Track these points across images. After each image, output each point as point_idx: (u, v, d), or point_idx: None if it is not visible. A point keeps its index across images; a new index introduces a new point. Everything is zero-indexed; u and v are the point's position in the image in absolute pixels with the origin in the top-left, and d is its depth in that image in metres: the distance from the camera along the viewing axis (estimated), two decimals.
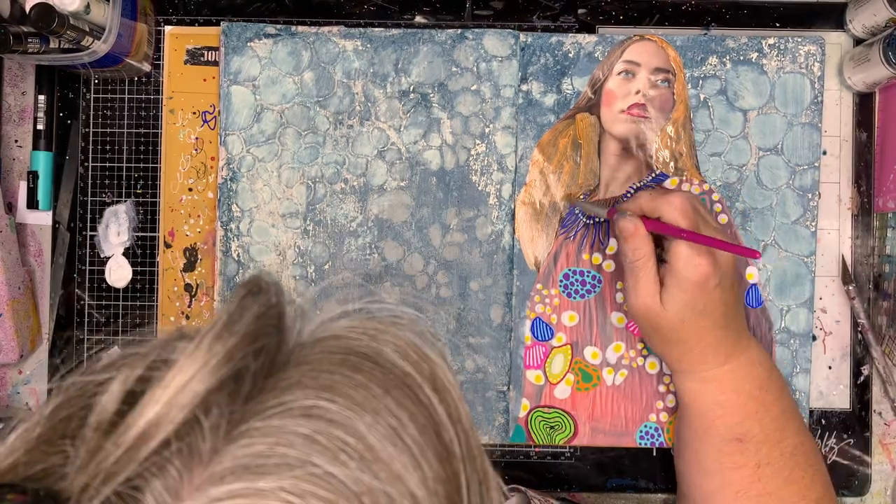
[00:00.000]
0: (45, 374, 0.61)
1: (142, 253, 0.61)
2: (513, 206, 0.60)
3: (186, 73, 0.61)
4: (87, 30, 0.53)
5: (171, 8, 0.62)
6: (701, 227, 0.49)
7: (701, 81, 0.60)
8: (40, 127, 0.61)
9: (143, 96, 0.61)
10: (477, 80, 0.60)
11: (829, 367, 0.61)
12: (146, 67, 0.61)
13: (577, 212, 0.60)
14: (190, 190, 0.61)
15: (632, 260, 0.50)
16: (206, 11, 0.62)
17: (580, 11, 0.62)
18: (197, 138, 0.61)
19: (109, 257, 0.61)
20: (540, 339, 0.60)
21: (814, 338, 0.60)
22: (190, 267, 0.61)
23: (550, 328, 0.60)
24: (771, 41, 0.60)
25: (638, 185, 0.60)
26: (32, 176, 0.60)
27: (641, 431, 0.60)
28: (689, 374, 0.52)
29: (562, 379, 0.60)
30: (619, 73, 0.60)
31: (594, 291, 0.60)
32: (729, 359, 0.51)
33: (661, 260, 0.51)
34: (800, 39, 0.60)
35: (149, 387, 0.23)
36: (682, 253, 0.49)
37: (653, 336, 0.52)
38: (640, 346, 0.60)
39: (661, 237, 0.51)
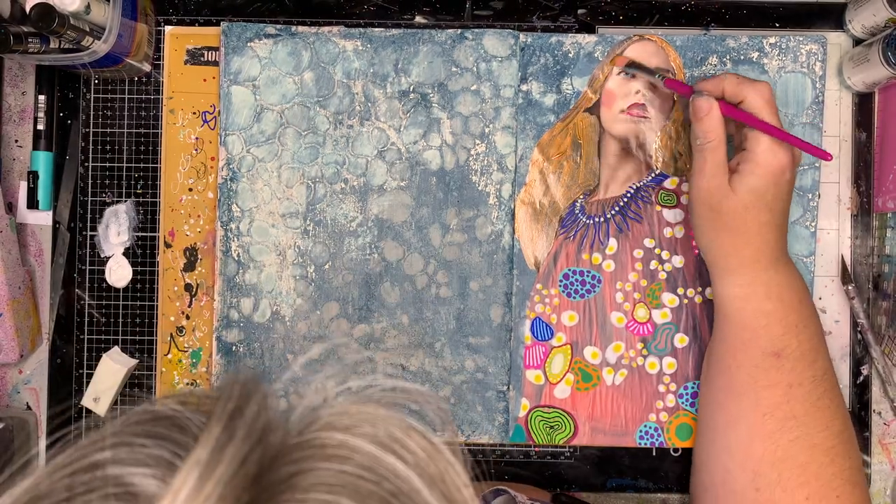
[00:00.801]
0: (46, 374, 0.61)
1: (142, 253, 0.61)
2: (513, 206, 0.60)
3: (186, 73, 0.61)
4: (88, 30, 0.53)
5: (171, 8, 0.62)
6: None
7: None
8: (40, 127, 0.61)
9: (144, 96, 0.61)
10: (477, 80, 0.60)
11: None
12: (146, 67, 0.61)
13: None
14: (190, 190, 0.61)
15: (703, 142, 0.50)
16: (206, 11, 0.62)
17: (580, 11, 0.62)
18: (197, 138, 0.61)
19: (109, 257, 0.61)
20: (540, 338, 0.60)
21: None
22: (190, 267, 0.61)
23: (550, 328, 0.60)
24: (772, 40, 0.60)
25: (638, 184, 0.60)
26: (33, 176, 0.60)
27: (641, 431, 0.60)
28: (737, 277, 0.51)
29: (562, 379, 0.60)
30: (619, 73, 0.60)
31: (594, 291, 0.60)
32: (777, 264, 0.51)
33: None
34: (801, 39, 0.60)
35: None
36: (763, 140, 0.49)
37: (712, 221, 0.51)
38: (639, 345, 0.60)
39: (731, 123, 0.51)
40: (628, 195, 0.60)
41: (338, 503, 0.24)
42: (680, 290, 0.60)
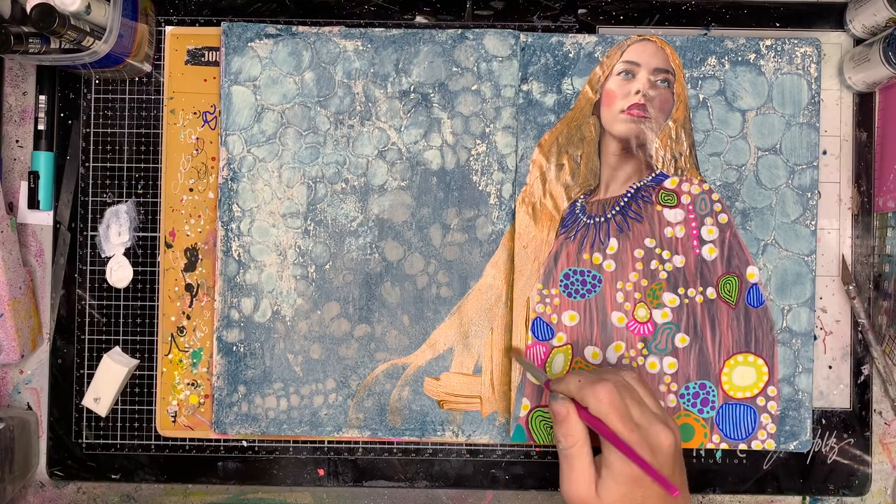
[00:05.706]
0: (46, 374, 0.61)
1: (143, 253, 0.61)
2: (513, 206, 0.60)
3: (187, 74, 0.61)
4: (88, 30, 0.53)
5: (171, 8, 0.62)
6: (634, 411, 0.47)
7: (700, 82, 0.60)
8: (41, 127, 0.61)
9: (144, 96, 0.62)
10: (477, 80, 0.60)
11: (830, 367, 0.61)
12: (147, 68, 0.61)
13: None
14: (191, 190, 0.61)
15: (564, 447, 0.48)
16: (206, 12, 0.62)
17: (580, 11, 0.62)
18: (198, 138, 0.61)
19: (110, 257, 0.61)
20: (540, 338, 0.60)
21: (814, 337, 0.60)
22: (191, 267, 0.61)
23: (551, 328, 0.60)
24: (768, 42, 0.60)
25: (638, 184, 0.60)
26: (33, 176, 0.61)
27: None
28: None
29: None
30: (619, 73, 0.60)
31: (594, 291, 0.60)
32: None
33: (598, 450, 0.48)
34: (796, 41, 0.60)
35: None
36: (614, 448, 0.46)
37: None
38: (640, 345, 0.60)
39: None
40: (629, 195, 0.60)
41: None
42: (681, 290, 0.60)
